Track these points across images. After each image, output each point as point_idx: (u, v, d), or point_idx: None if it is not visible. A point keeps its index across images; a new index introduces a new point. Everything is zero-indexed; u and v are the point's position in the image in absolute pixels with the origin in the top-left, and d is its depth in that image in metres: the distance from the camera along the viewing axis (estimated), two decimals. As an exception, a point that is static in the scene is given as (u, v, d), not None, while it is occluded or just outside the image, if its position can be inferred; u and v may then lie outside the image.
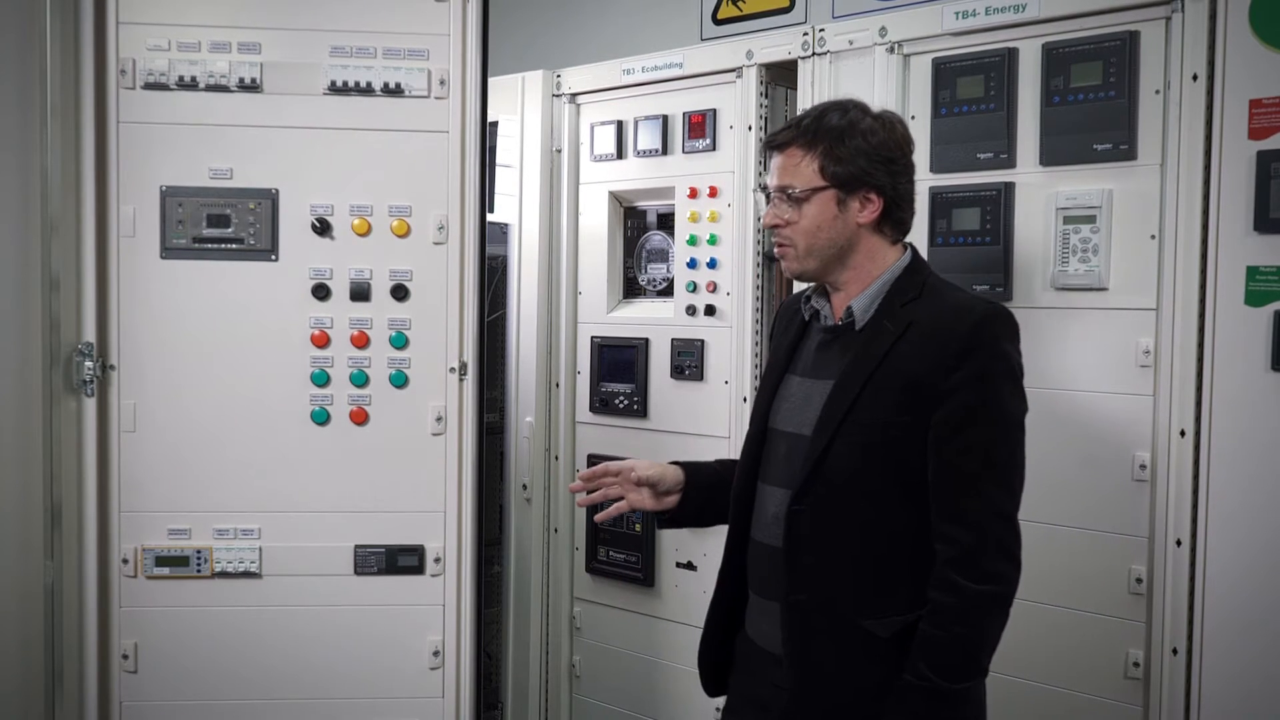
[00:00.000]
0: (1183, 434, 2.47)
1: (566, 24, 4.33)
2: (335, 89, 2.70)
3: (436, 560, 2.76)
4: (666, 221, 3.50)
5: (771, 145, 2.05)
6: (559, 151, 3.61)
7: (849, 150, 1.98)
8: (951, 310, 1.94)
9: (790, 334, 2.13)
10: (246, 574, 2.73)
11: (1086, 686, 2.62)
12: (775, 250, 2.07)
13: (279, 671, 2.75)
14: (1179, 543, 2.48)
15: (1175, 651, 2.50)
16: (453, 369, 2.74)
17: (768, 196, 2.05)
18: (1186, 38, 2.45)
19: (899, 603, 1.93)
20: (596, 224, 3.57)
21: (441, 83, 2.70)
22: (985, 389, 1.89)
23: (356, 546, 2.76)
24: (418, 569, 2.75)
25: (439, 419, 2.74)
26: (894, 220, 2.03)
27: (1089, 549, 2.60)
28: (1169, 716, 2.52)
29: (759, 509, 2.07)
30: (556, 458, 3.66)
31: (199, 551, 2.72)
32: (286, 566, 2.74)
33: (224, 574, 2.73)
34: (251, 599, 2.74)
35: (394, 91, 2.70)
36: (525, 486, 3.66)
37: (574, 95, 3.58)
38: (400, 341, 2.73)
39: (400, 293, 2.73)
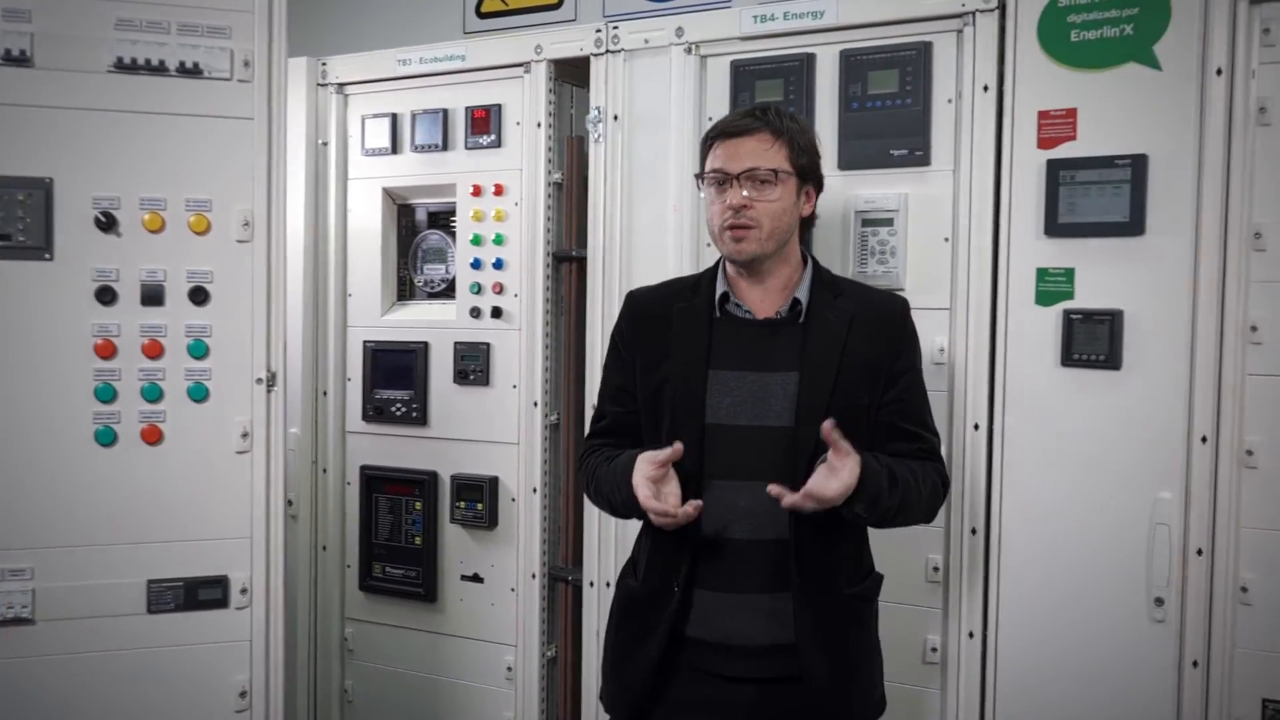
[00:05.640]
0: (976, 428, 2.62)
1: (321, 9, 4.05)
2: (122, 66, 2.37)
3: (243, 591, 2.48)
4: (438, 220, 3.37)
5: (732, 132, 2.11)
6: (325, 144, 3.39)
7: (807, 143, 2.14)
8: (878, 304, 2.19)
9: (698, 330, 2.14)
10: (17, 620, 2.35)
11: (886, 673, 2.74)
12: (730, 232, 2.09)
13: (61, 728, 2.40)
14: (974, 531, 2.63)
15: (971, 635, 2.65)
16: (260, 379, 2.48)
17: (716, 182, 2.11)
18: (978, 50, 2.59)
19: (866, 567, 2.23)
20: (368, 222, 3.38)
21: (245, 64, 2.43)
22: (917, 363, 2.20)
23: (150, 581, 2.44)
24: (221, 602, 2.47)
25: (244, 435, 2.48)
26: (810, 219, 2.21)
27: (887, 539, 2.62)
28: (966, 697, 2.65)
29: (720, 506, 2.06)
30: (325, 470, 3.44)
31: (-44, 597, 2.33)
32: (66, 609, 2.39)
33: (-11, 621, 2.35)
34: (23, 649, 2.36)
35: (191, 72, 2.41)
36: (291, 503, 3.40)
37: (341, 85, 3.37)
38: (199, 350, 2.44)
39: (199, 296, 2.44)
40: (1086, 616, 2.50)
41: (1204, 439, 2.39)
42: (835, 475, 1.92)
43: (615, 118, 3.00)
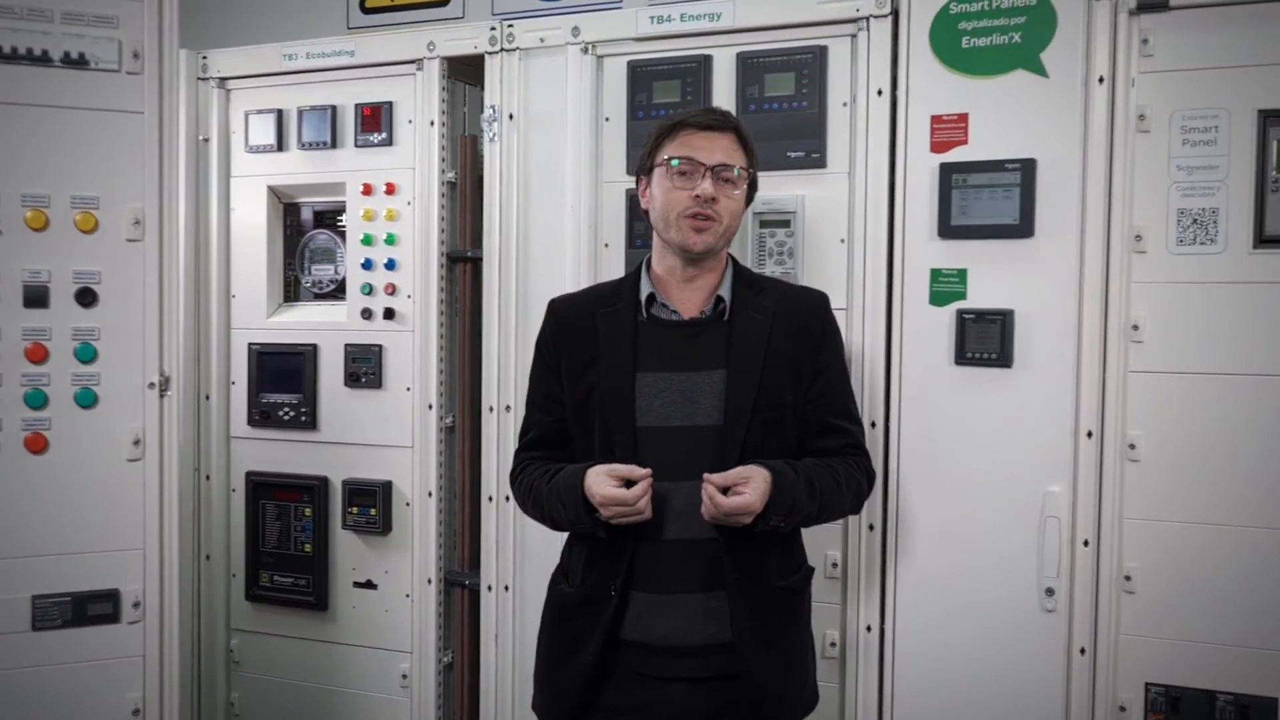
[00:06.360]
0: (873, 425, 2.65)
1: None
2: (2, 56, 2.24)
3: (136, 605, 2.38)
4: (325, 219, 3.29)
5: (706, 125, 2.13)
6: (206, 141, 3.28)
7: (756, 158, 2.21)
8: (796, 301, 2.24)
9: (623, 335, 2.14)
10: (-111, 641, 2.22)
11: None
12: (692, 221, 2.10)
13: (-65, 760, 2.26)
14: (871, 527, 2.67)
15: (869, 629, 2.69)
16: (152, 384, 2.38)
17: (681, 171, 2.11)
18: (872, 55, 2.63)
19: (797, 560, 2.25)
20: (252, 221, 3.28)
21: (135, 55, 2.32)
22: (840, 357, 2.26)
23: (35, 597, 2.31)
24: (112, 617, 2.36)
25: (136, 442, 2.37)
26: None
27: (787, 538, 2.76)
28: (865, 690, 2.70)
29: (654, 508, 2.04)
30: (208, 477, 3.32)
31: None
32: (-57, 628, 2.26)
33: None
34: (-107, 674, 2.23)
35: (77, 63, 2.29)
36: (173, 511, 3.28)
37: (223, 80, 3.26)
38: (87, 354, 2.33)
39: (87, 297, 2.33)
40: (981, 608, 2.57)
41: (1089, 434, 2.47)
42: (735, 491, 1.98)
43: (511, 117, 2.97)
